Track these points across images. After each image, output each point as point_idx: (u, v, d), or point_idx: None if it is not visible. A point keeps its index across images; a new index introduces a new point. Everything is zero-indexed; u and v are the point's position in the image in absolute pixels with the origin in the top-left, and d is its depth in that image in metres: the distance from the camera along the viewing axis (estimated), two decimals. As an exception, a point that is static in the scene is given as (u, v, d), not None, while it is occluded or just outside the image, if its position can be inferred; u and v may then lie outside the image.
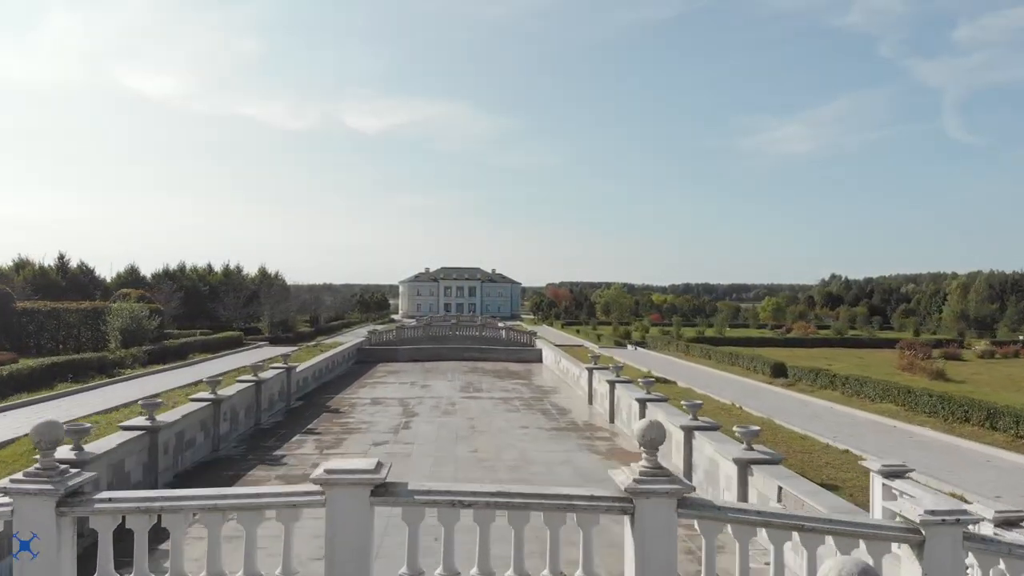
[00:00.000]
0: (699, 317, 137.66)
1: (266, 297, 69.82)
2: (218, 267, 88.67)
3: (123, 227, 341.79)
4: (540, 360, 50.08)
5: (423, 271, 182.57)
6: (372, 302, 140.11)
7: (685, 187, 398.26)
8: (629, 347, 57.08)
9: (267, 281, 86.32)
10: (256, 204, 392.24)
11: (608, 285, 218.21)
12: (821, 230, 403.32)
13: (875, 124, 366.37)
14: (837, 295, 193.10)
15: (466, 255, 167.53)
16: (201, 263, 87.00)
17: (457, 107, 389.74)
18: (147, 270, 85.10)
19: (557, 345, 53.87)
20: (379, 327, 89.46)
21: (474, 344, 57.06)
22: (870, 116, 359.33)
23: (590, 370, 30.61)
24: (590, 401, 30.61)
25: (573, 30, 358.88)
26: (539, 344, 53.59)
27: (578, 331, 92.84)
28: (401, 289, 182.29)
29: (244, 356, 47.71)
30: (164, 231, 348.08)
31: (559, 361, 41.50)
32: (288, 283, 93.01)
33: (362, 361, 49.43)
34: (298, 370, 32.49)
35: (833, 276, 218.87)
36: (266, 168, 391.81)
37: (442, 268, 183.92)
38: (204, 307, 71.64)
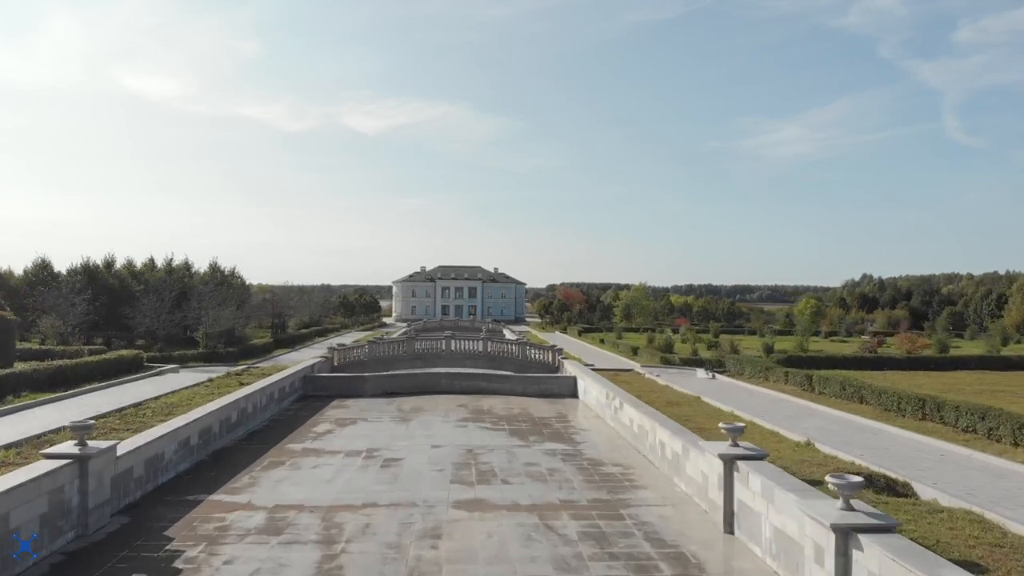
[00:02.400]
0: (725, 321, 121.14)
1: (202, 299, 53.35)
2: (162, 262, 72.12)
3: (123, 228, 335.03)
4: (575, 395, 33.74)
5: (418, 270, 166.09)
6: (359, 304, 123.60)
7: (685, 188, 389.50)
8: (700, 373, 40.30)
9: (218, 279, 69.84)
10: (256, 205, 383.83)
11: (625, 286, 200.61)
12: (821, 232, 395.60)
13: (875, 126, 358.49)
14: (871, 297, 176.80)
15: (466, 256, 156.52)
16: (141, 257, 70.69)
17: (457, 108, 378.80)
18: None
19: (596, 369, 37.42)
20: (350, 339, 72.91)
21: (476, 366, 40.87)
22: (870, 118, 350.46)
23: (730, 462, 14.20)
24: (730, 527, 14.24)
25: (574, 32, 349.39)
26: (570, 368, 37.17)
27: (602, 341, 76.38)
28: (394, 290, 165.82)
29: (111, 395, 31.21)
30: (165, 232, 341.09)
31: (617, 405, 25.19)
32: (249, 282, 76.62)
33: (310, 396, 33.11)
34: (124, 452, 16.10)
35: (864, 276, 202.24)
36: (266, 169, 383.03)
37: (439, 267, 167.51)
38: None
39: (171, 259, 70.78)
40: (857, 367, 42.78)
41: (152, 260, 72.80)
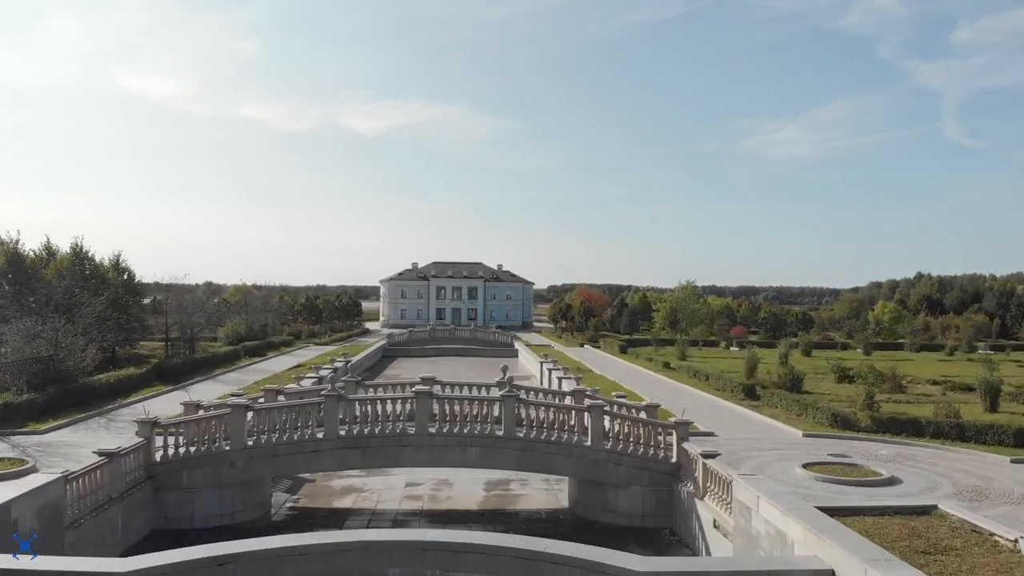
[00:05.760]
0: (799, 329, 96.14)
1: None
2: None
3: (123, 228, 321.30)
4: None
5: (410, 267, 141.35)
6: (334, 307, 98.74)
7: (685, 188, 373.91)
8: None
9: (87, 270, 45.31)
10: (256, 205, 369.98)
11: (629, 287, 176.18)
12: (821, 232, 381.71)
13: (875, 127, 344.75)
14: (935, 299, 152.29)
15: (465, 256, 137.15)
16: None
17: (457, 109, 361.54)
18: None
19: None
20: (292, 362, 46.45)
21: (492, 467, 16.71)
22: (870, 118, 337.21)
23: None
24: None
25: (574, 32, 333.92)
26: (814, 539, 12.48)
27: (667, 364, 51.80)
28: (382, 290, 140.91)
29: None
30: (165, 232, 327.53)
31: None
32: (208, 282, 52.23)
33: None
34: None
35: (920, 274, 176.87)
36: (266, 169, 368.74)
37: (434, 263, 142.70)
38: None
39: (16, 240, 45.98)
40: None
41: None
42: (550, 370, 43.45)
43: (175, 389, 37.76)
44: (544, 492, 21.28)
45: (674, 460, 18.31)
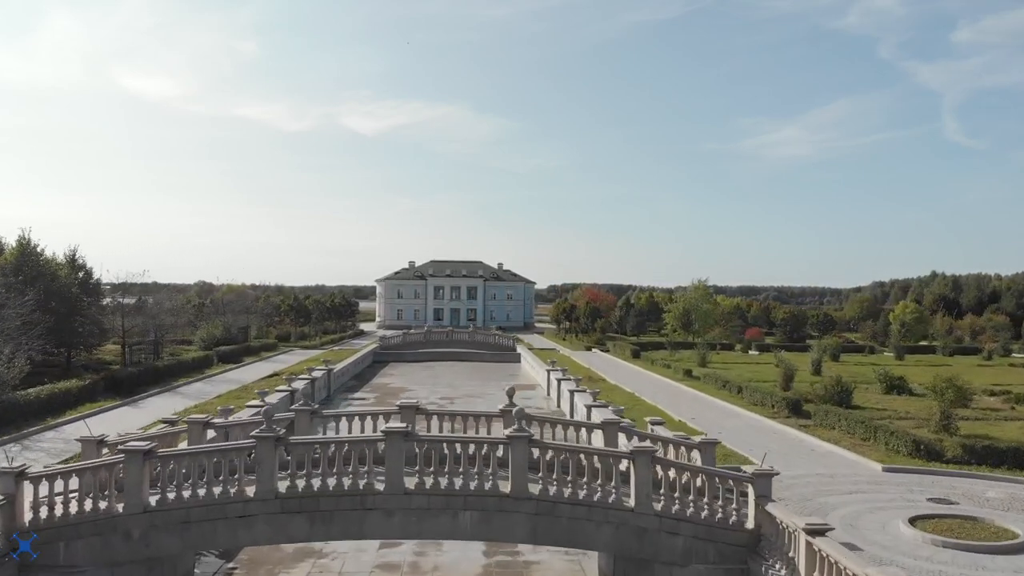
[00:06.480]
0: (819, 333, 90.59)
1: None
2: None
3: (123, 228, 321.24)
4: None
5: (407, 266, 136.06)
6: (328, 307, 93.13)
7: (685, 188, 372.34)
8: None
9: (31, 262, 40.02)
10: (256, 205, 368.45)
11: (630, 287, 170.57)
12: (821, 232, 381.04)
13: (874, 127, 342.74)
14: (951, 298, 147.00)
15: (465, 255, 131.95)
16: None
17: (457, 109, 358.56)
18: None
19: None
20: (268, 369, 40.07)
21: None
22: (869, 119, 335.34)
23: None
24: None
25: (574, 32, 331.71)
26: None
27: (688, 372, 46.50)
28: (379, 290, 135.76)
29: None
30: (165, 232, 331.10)
31: None
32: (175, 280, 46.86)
33: None
34: None
35: (935, 273, 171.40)
36: (266, 169, 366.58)
37: (431, 262, 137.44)
38: None
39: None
40: None
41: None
42: (559, 380, 38.11)
43: (123, 404, 32.46)
44: (565, 562, 15.92)
45: (750, 526, 13.00)
